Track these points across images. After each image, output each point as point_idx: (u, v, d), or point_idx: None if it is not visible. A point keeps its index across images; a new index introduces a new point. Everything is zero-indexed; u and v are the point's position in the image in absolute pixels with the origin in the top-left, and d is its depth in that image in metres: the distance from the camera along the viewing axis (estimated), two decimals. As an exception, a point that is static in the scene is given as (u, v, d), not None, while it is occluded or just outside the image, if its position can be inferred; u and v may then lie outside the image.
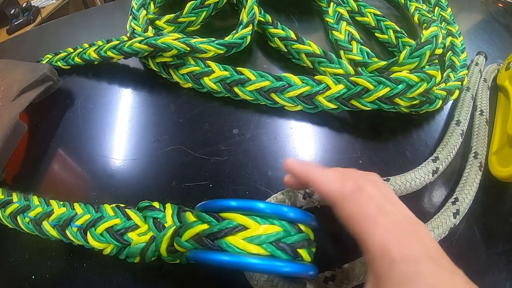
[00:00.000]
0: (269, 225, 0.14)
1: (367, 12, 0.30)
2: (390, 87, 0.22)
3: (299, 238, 0.14)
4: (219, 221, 0.14)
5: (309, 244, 0.14)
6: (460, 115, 0.28)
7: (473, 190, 0.24)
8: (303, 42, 0.25)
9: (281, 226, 0.14)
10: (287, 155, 0.22)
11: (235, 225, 0.14)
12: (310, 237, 0.15)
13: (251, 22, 0.25)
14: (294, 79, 0.22)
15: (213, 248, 0.14)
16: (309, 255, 0.15)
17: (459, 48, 0.31)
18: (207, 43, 0.24)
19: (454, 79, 0.28)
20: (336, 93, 0.22)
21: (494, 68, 0.34)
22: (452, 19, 0.33)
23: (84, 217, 0.19)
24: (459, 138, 0.26)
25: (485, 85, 0.32)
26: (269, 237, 0.13)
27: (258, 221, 0.14)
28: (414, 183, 0.23)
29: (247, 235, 0.13)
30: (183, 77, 0.24)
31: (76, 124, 0.25)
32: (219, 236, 0.13)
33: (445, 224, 0.22)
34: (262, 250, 0.13)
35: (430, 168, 0.24)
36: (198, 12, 0.27)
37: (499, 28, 0.40)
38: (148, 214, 0.18)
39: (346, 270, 0.18)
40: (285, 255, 0.13)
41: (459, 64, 0.30)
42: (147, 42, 0.24)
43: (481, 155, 0.26)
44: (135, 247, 0.18)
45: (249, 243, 0.13)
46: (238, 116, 0.23)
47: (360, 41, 0.27)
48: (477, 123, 0.28)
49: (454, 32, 0.32)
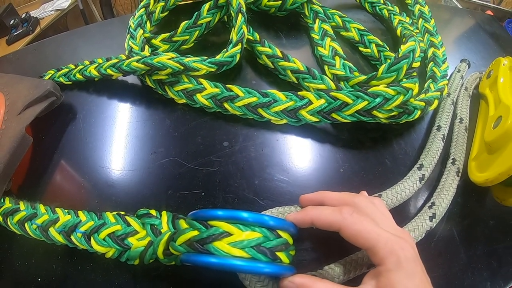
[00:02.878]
0: (250, 232, 0.16)
1: (351, 27, 0.33)
2: (368, 101, 0.24)
3: (278, 243, 0.17)
4: (208, 228, 0.16)
5: (286, 248, 0.17)
6: (441, 121, 0.30)
7: (450, 195, 0.26)
8: (288, 59, 0.27)
9: (261, 233, 0.16)
10: (273, 165, 0.25)
11: (221, 231, 0.16)
12: (288, 242, 0.17)
13: (240, 41, 0.28)
14: (279, 95, 0.25)
15: (203, 252, 0.16)
16: (287, 257, 0.17)
17: (440, 59, 0.34)
18: (199, 62, 0.27)
19: (434, 90, 0.31)
20: (317, 107, 0.24)
21: (476, 77, 0.37)
22: (435, 30, 0.36)
23: (88, 224, 0.22)
24: (441, 142, 0.28)
25: (466, 94, 0.34)
26: (250, 242, 0.16)
27: (241, 228, 0.16)
28: (404, 193, 0.25)
29: (232, 240, 0.16)
30: (177, 94, 0.27)
31: (78, 137, 0.28)
32: (208, 241, 0.16)
33: (421, 227, 0.24)
34: (245, 253, 0.16)
35: (417, 176, 0.26)
36: (191, 31, 0.30)
37: (484, 36, 0.42)
38: (146, 221, 0.21)
39: (326, 271, 0.20)
40: (265, 257, 0.16)
41: (440, 75, 0.32)
42: (143, 61, 0.27)
43: (459, 161, 0.28)
44: (134, 251, 0.20)
45: (233, 247, 0.16)
46: (228, 129, 0.26)
47: (343, 56, 0.30)
48: (456, 130, 0.30)
49: (436, 43, 0.35)
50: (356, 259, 0.21)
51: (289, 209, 0.21)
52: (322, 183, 0.25)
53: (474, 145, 0.30)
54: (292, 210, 0.21)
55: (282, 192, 0.24)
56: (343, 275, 0.20)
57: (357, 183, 0.25)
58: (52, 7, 1.08)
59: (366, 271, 0.20)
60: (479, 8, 0.56)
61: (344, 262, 0.21)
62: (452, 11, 0.45)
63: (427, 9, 0.37)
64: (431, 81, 0.32)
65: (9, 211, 0.23)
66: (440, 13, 0.44)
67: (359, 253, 0.21)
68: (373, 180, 0.25)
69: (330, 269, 0.20)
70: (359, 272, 0.20)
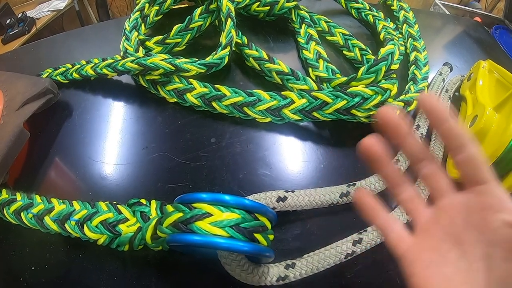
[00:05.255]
0: (230, 213, 0.19)
1: (336, 32, 0.36)
2: (347, 100, 0.27)
3: (255, 224, 0.19)
4: (191, 209, 0.19)
5: (264, 230, 0.19)
6: (420, 120, 0.33)
7: (427, 190, 0.28)
8: (273, 61, 0.30)
9: (240, 214, 0.19)
10: (257, 160, 0.27)
11: (203, 212, 0.19)
12: (266, 225, 0.20)
13: (229, 44, 0.31)
14: (263, 94, 0.28)
15: (187, 231, 0.19)
16: (265, 239, 0.19)
17: (422, 62, 0.37)
18: (190, 63, 0.30)
19: (414, 91, 0.33)
20: (299, 106, 0.27)
21: (457, 79, 0.40)
22: (418, 35, 0.39)
23: (81, 212, 0.24)
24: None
25: (446, 95, 0.37)
26: (229, 222, 0.18)
27: (221, 209, 0.19)
28: (378, 184, 0.27)
29: (212, 220, 0.18)
30: (168, 93, 0.30)
31: (73, 133, 0.30)
32: (191, 221, 0.18)
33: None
34: (224, 232, 0.18)
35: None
36: (183, 34, 0.33)
37: (469, 42, 0.45)
38: (136, 209, 0.24)
39: (305, 259, 0.23)
40: (243, 237, 0.18)
41: (420, 77, 0.35)
42: (137, 62, 0.30)
43: (438, 159, 0.32)
44: (124, 236, 0.23)
45: (214, 226, 0.18)
46: (216, 127, 0.29)
47: (327, 59, 0.33)
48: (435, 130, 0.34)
49: (419, 48, 0.38)
50: (335, 248, 0.23)
51: (270, 194, 0.23)
52: (303, 178, 0.27)
53: None
54: (273, 195, 0.23)
55: (265, 185, 0.26)
56: (322, 263, 0.22)
57: (336, 178, 0.27)
58: (48, 8, 1.12)
59: (344, 261, 0.23)
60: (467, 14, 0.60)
61: (324, 250, 0.23)
62: (439, 18, 0.49)
63: (412, 15, 0.40)
64: (411, 83, 0.35)
65: (5, 201, 0.25)
66: (427, 20, 0.47)
67: (339, 243, 0.23)
68: (352, 176, 0.27)
69: (309, 257, 0.23)
70: (337, 261, 0.23)
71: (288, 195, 0.23)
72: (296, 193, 0.24)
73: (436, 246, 0.15)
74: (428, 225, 0.16)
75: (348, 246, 0.23)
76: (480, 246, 0.14)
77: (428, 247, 0.15)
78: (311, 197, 0.24)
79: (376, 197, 0.18)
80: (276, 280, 0.21)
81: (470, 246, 0.14)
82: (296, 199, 0.24)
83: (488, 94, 0.34)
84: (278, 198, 0.23)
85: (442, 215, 0.15)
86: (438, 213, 0.16)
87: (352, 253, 0.23)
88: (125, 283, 0.23)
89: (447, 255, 0.14)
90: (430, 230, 0.15)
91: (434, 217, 0.16)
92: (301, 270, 0.22)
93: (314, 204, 0.24)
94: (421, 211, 0.16)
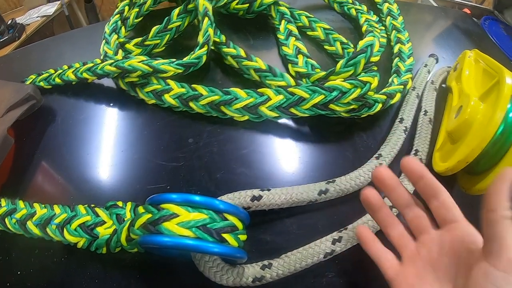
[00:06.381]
0: (197, 213, 0.19)
1: (317, 26, 0.36)
2: (324, 95, 0.27)
3: (224, 224, 0.19)
4: (159, 210, 0.19)
5: (233, 230, 0.20)
6: (404, 113, 0.32)
7: (411, 185, 0.27)
8: (251, 59, 0.31)
9: (208, 214, 0.19)
10: (235, 159, 0.27)
11: (170, 213, 0.19)
12: (236, 225, 0.20)
13: (206, 43, 0.31)
14: (240, 92, 0.28)
15: (155, 232, 0.19)
16: (235, 240, 0.19)
17: (405, 54, 0.36)
18: (167, 64, 0.30)
19: (397, 83, 0.33)
20: (276, 103, 0.27)
21: (444, 70, 0.39)
22: (402, 27, 0.39)
23: (61, 216, 0.25)
24: (402, 134, 0.30)
25: (432, 87, 0.37)
26: (197, 222, 0.19)
27: (189, 210, 0.19)
28: (359, 180, 0.26)
29: (179, 221, 0.19)
30: (147, 95, 0.30)
31: (57, 137, 0.31)
32: (159, 222, 0.19)
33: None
34: (191, 233, 0.18)
35: (374, 165, 0.27)
36: (162, 35, 0.33)
37: (457, 33, 0.45)
38: (112, 211, 0.24)
39: (282, 259, 0.23)
40: (211, 238, 0.19)
41: (404, 69, 0.35)
42: (116, 65, 0.30)
43: (422, 152, 0.30)
44: (101, 239, 0.23)
45: (181, 227, 0.18)
46: (194, 127, 0.29)
47: (307, 55, 0.33)
48: (420, 123, 0.32)
49: (403, 40, 0.38)
50: (314, 247, 0.23)
51: (244, 193, 0.23)
52: (282, 176, 0.27)
53: (440, 137, 0.31)
54: (248, 194, 0.23)
55: (242, 184, 0.26)
56: (300, 263, 0.22)
57: (317, 175, 0.27)
58: (38, 14, 1.13)
59: (323, 260, 0.23)
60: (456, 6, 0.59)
61: (302, 250, 0.23)
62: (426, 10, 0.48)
63: (396, 7, 0.40)
64: (395, 76, 0.34)
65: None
66: (415, 12, 0.46)
67: (317, 242, 0.23)
68: (333, 172, 0.27)
69: (286, 257, 0.23)
70: (316, 261, 0.23)
71: (263, 194, 0.23)
72: (272, 192, 0.24)
73: (418, 273, 0.19)
74: (413, 255, 0.20)
75: (327, 245, 0.23)
76: (450, 270, 0.18)
77: (412, 273, 0.19)
78: (288, 195, 0.24)
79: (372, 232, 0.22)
80: (252, 281, 0.22)
81: (443, 271, 0.18)
82: (271, 197, 0.24)
83: (474, 84, 0.33)
84: (253, 197, 0.23)
85: (423, 247, 0.19)
86: (420, 246, 0.20)
87: (332, 252, 0.23)
88: (105, 285, 0.23)
89: (425, 279, 0.18)
90: (414, 259, 0.19)
91: (417, 249, 0.20)
92: (278, 270, 0.22)
93: (291, 202, 0.24)
94: (407, 245, 0.20)
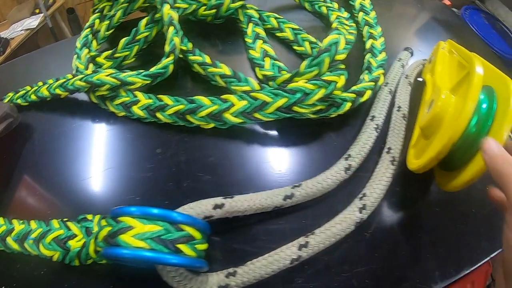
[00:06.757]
0: (152, 225, 0.20)
1: (285, 27, 0.36)
2: (287, 98, 0.27)
3: (179, 235, 0.20)
4: (118, 223, 0.20)
5: (189, 241, 0.20)
6: (375, 110, 0.32)
7: (382, 184, 0.26)
8: (216, 65, 0.31)
9: (163, 226, 0.20)
10: (202, 167, 0.28)
11: (127, 226, 0.20)
12: (192, 235, 0.20)
13: (172, 52, 0.31)
14: (204, 100, 0.28)
15: (114, 245, 0.20)
16: (192, 250, 0.20)
17: (377, 49, 0.36)
18: (134, 76, 0.31)
19: (368, 80, 0.33)
20: (240, 108, 0.27)
21: (419, 63, 0.39)
22: (375, 22, 0.39)
23: (37, 231, 0.26)
24: (374, 132, 0.30)
25: (406, 81, 0.36)
26: (152, 234, 0.19)
27: (144, 222, 0.20)
28: (326, 183, 0.26)
29: (135, 233, 0.19)
30: (117, 107, 0.31)
31: (33, 154, 0.31)
32: (116, 235, 0.20)
33: (349, 220, 0.24)
34: (146, 244, 0.19)
35: (342, 166, 0.27)
36: (131, 47, 0.34)
37: (434, 25, 0.44)
38: (83, 225, 0.25)
39: (247, 266, 0.23)
40: (165, 248, 0.19)
41: (376, 65, 0.35)
42: (85, 79, 0.31)
43: (395, 150, 0.29)
44: (73, 252, 0.24)
45: (137, 239, 0.19)
46: (162, 137, 0.30)
47: (274, 57, 0.33)
48: (393, 119, 0.32)
49: (375, 35, 0.37)
50: (279, 253, 0.23)
51: (207, 202, 0.23)
52: (249, 182, 0.27)
53: (415, 133, 0.31)
54: (210, 202, 0.23)
55: (209, 192, 0.26)
56: (265, 270, 0.22)
57: (285, 179, 0.28)
58: (22, 27, 1.13)
59: (289, 266, 0.23)
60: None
61: (267, 256, 0.23)
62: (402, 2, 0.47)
63: (368, 2, 0.40)
64: (366, 72, 0.34)
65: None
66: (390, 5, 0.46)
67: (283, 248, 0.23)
68: (302, 176, 0.27)
69: (251, 264, 0.23)
70: (282, 267, 0.23)
71: (226, 202, 0.24)
72: (235, 199, 0.24)
73: None
74: None
75: (293, 250, 0.23)
76: None
77: None
78: (251, 202, 0.24)
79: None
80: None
81: None
82: (234, 205, 0.24)
83: (448, 76, 0.33)
84: (215, 206, 0.23)
85: None
86: None
87: (298, 258, 0.23)
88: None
89: None
90: None
91: None
92: (243, 278, 0.22)
93: (254, 209, 0.24)
94: None
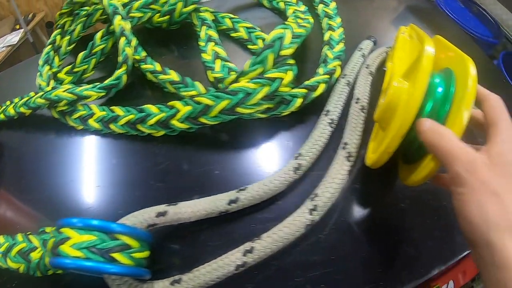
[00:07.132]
0: (88, 235, 0.21)
1: (240, 27, 0.36)
2: (229, 99, 0.27)
3: (113, 244, 0.21)
4: (60, 234, 0.21)
5: (123, 249, 0.21)
6: (330, 104, 0.31)
7: (336, 182, 0.25)
8: (165, 72, 0.31)
9: (97, 236, 0.21)
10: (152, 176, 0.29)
11: (65, 236, 0.21)
12: (128, 244, 0.21)
13: (124, 62, 0.32)
14: (152, 108, 0.29)
15: (56, 255, 0.21)
16: (128, 259, 0.21)
17: (335, 40, 0.35)
18: (89, 89, 0.32)
19: (323, 73, 0.32)
20: (185, 114, 0.28)
21: (382, 52, 0.37)
22: (334, 13, 0.38)
23: (5, 245, 0.28)
24: (327, 127, 0.29)
25: (367, 71, 0.35)
26: (88, 244, 0.20)
27: (80, 232, 0.21)
28: (273, 185, 0.25)
29: (72, 243, 0.20)
30: (75, 121, 0.32)
31: (8, 172, 0.32)
32: (58, 245, 0.21)
33: (298, 222, 0.24)
34: (82, 254, 0.20)
35: (291, 166, 0.26)
36: (88, 60, 0.35)
37: (403, 11, 0.42)
38: (41, 237, 0.26)
39: (192, 273, 0.23)
40: (101, 258, 0.20)
41: (332, 57, 0.34)
42: (44, 97, 0.32)
43: (351, 145, 0.28)
44: (33, 263, 0.26)
45: (74, 249, 0.20)
46: (117, 147, 0.30)
47: (225, 58, 0.33)
48: (351, 112, 0.30)
49: (334, 26, 0.37)
50: (224, 259, 0.23)
51: (150, 210, 0.24)
52: (195, 188, 0.27)
53: (376, 125, 0.30)
54: (153, 210, 0.24)
55: (158, 200, 0.25)
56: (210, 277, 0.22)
57: (233, 184, 0.27)
58: (3, 44, 1.15)
59: (235, 273, 0.23)
60: None
61: (212, 263, 0.23)
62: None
63: (328, -6, 0.39)
64: (323, 65, 0.34)
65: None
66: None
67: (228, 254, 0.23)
68: (252, 177, 0.27)
69: (196, 271, 0.23)
70: (228, 274, 0.23)
71: (169, 209, 0.24)
72: (178, 206, 0.24)
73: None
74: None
75: (238, 256, 0.23)
76: None
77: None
78: (195, 208, 0.24)
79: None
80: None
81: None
82: (178, 211, 0.24)
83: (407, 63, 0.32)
84: (158, 214, 0.23)
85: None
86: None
87: (244, 264, 0.23)
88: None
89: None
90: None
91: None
92: (188, 285, 0.22)
93: (198, 215, 0.24)
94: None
